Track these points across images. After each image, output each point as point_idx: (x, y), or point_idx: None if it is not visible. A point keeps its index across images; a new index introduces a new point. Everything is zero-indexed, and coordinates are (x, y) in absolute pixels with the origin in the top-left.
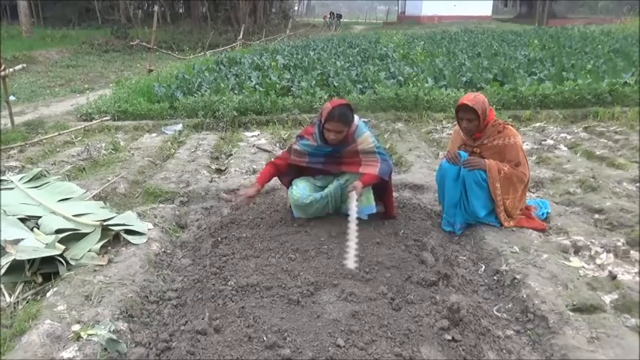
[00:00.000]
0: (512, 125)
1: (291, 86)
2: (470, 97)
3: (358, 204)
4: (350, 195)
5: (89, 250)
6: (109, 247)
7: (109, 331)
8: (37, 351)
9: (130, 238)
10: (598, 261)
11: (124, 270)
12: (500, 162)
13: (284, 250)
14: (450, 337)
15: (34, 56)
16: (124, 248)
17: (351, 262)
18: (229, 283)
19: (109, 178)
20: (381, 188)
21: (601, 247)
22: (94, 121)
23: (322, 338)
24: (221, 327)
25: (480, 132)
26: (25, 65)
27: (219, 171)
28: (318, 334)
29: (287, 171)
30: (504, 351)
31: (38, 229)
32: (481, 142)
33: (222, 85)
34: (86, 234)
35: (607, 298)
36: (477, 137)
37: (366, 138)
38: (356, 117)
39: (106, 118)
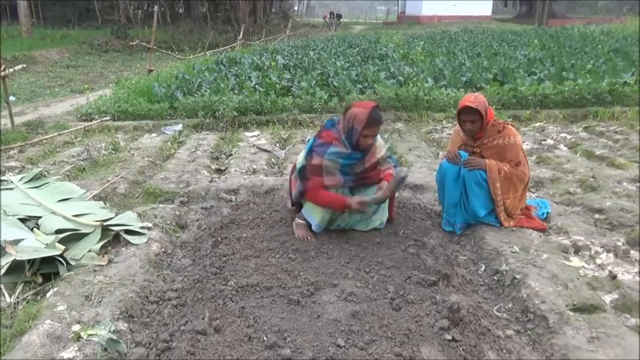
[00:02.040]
0: (511, 125)
1: (291, 86)
2: (471, 99)
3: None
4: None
5: (89, 251)
6: (109, 248)
7: (109, 331)
8: (37, 351)
9: (130, 238)
10: (598, 261)
11: (124, 270)
12: (500, 161)
13: (284, 250)
14: (450, 337)
15: (34, 56)
16: (124, 248)
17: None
18: (229, 283)
19: (109, 178)
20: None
21: (601, 247)
22: (94, 121)
23: (322, 338)
24: (221, 327)
25: (481, 132)
26: (25, 65)
27: (219, 171)
28: (318, 334)
29: None
30: (504, 351)
31: (38, 229)
32: (481, 142)
33: (222, 85)
34: (86, 234)
35: (607, 298)
36: (478, 137)
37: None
38: None
39: (106, 119)
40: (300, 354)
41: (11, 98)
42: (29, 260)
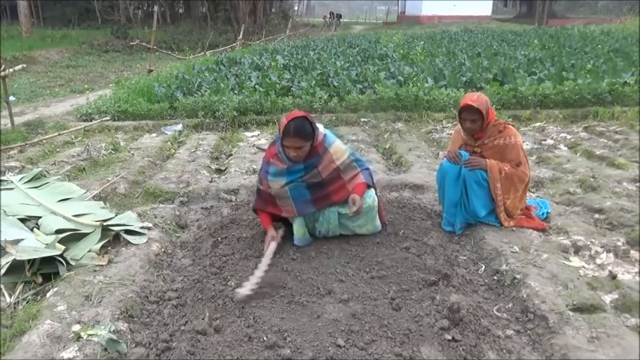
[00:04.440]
0: (512, 125)
1: (291, 86)
2: (473, 98)
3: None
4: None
5: (89, 251)
6: (109, 248)
7: (109, 331)
8: (37, 351)
9: (130, 238)
10: (598, 261)
11: (124, 270)
12: (501, 162)
13: (284, 250)
14: (450, 337)
15: (34, 56)
16: (124, 248)
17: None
18: (229, 283)
19: (109, 178)
20: None
21: (601, 247)
22: (94, 122)
23: (322, 338)
24: (221, 327)
25: (482, 132)
26: (25, 65)
27: (219, 171)
28: (318, 334)
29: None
30: (504, 351)
31: (38, 229)
32: (482, 142)
33: (222, 85)
34: (86, 234)
35: (607, 298)
36: (478, 137)
37: (339, 148)
38: (320, 126)
39: (105, 119)
40: (300, 354)
41: (11, 98)
42: (29, 260)
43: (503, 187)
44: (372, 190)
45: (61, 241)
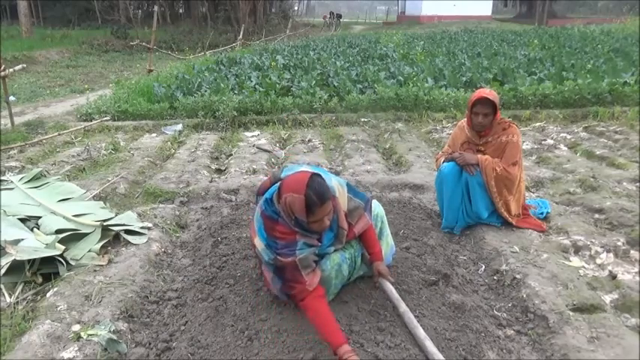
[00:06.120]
0: (515, 124)
1: (291, 86)
2: (486, 92)
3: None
4: (381, 282)
5: (89, 251)
6: (109, 248)
7: (109, 331)
8: (37, 351)
9: (130, 238)
10: (598, 261)
11: (124, 270)
12: (500, 158)
13: None
14: (449, 337)
15: (34, 56)
16: (124, 248)
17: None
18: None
19: (109, 178)
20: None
21: (601, 247)
22: (94, 122)
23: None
24: (221, 327)
25: (489, 128)
26: (25, 65)
27: (219, 171)
28: (317, 334)
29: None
30: (504, 351)
31: (38, 229)
32: (486, 140)
33: (222, 85)
34: (86, 234)
35: (607, 298)
36: (485, 134)
37: (338, 188)
38: (309, 168)
39: (105, 119)
40: (301, 354)
41: (11, 98)
42: (29, 260)
43: (497, 187)
44: (375, 202)
45: (61, 241)
